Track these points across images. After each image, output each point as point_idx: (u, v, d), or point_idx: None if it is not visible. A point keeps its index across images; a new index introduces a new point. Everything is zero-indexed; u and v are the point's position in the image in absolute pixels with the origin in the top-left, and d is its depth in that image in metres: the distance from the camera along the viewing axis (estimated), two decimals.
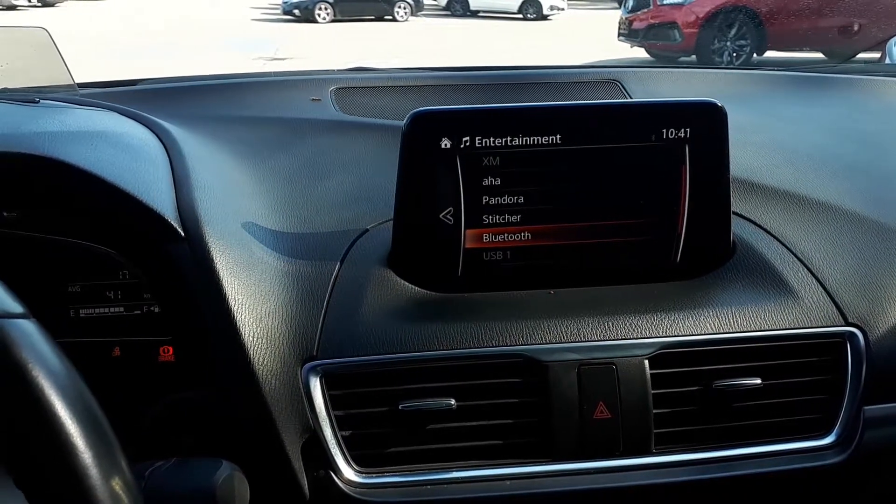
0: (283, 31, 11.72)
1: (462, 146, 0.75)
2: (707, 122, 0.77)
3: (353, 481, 0.71)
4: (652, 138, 0.77)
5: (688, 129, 0.77)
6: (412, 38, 11.26)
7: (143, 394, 0.74)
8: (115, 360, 0.76)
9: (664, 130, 0.76)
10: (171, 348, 0.76)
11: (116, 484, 0.43)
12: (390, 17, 14.01)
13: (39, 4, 14.24)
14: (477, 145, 0.75)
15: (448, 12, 15.62)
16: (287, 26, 12.77)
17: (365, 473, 0.71)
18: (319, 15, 13.42)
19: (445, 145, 0.75)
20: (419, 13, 14.77)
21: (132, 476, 0.46)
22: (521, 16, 14.83)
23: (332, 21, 13.38)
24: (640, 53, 7.91)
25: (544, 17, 14.75)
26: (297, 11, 13.70)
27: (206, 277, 0.71)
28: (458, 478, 0.72)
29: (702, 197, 0.79)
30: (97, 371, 0.75)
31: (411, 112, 0.74)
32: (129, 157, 0.80)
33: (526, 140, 0.76)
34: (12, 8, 13.09)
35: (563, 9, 14.97)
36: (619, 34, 8.08)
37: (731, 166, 0.79)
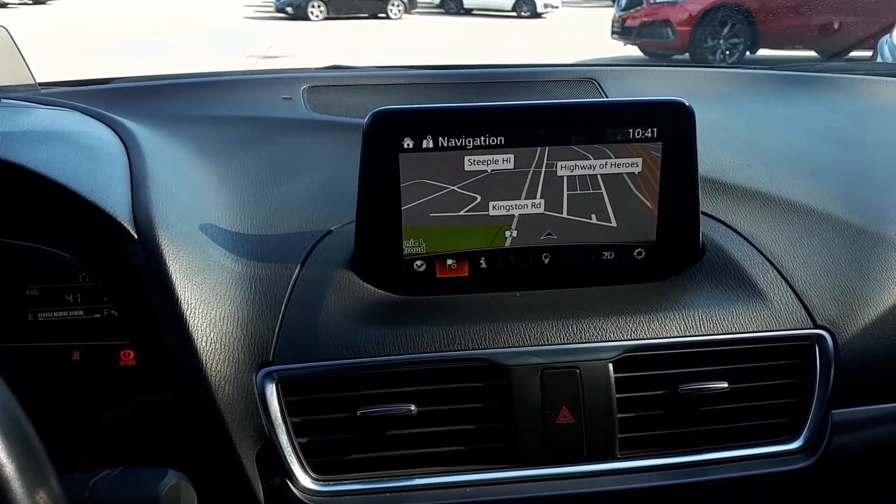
0: (275, 29, 11.68)
1: (425, 146, 0.73)
2: (675, 121, 0.76)
3: (309, 489, 0.69)
4: (618, 138, 0.75)
5: (655, 129, 0.75)
6: (406, 36, 11.23)
7: (103, 399, 0.73)
8: (74, 365, 0.75)
9: (631, 130, 0.75)
10: (131, 352, 0.75)
11: (41, 498, 0.42)
12: (384, 15, 13.97)
13: (30, 2, 14.15)
14: (440, 145, 0.74)
15: (442, 10, 15.59)
16: (280, 24, 12.72)
17: (322, 481, 0.70)
18: (312, 13, 13.36)
19: (408, 145, 0.73)
20: (413, 11, 14.73)
21: (62, 489, 0.44)
22: (514, 13, 14.80)
23: (326, 19, 13.34)
24: (634, 52, 7.90)
25: (538, 15, 14.72)
26: (289, 9, 13.64)
27: (158, 281, 0.69)
28: (418, 485, 0.71)
29: (670, 197, 0.77)
30: (56, 376, 0.74)
31: (372, 111, 0.73)
32: (85, 158, 0.78)
33: (492, 140, 0.74)
34: (3, 6, 13.00)
35: (557, 6, 14.94)
36: (613, 32, 8.06)
37: (702, 165, 0.78)
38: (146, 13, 12.52)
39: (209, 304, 0.70)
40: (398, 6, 13.94)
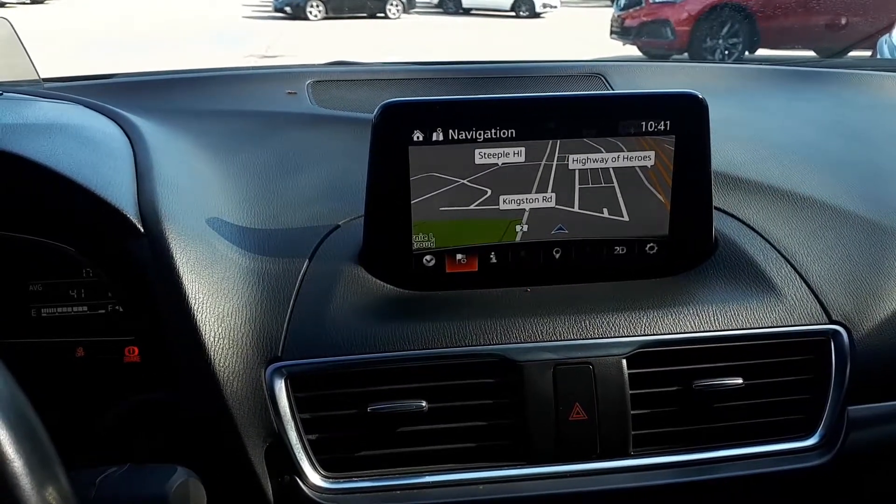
0: (274, 29, 11.67)
1: (435, 138, 0.72)
2: (688, 114, 0.75)
3: (319, 486, 0.68)
4: (631, 131, 0.74)
5: (668, 122, 0.74)
6: (404, 35, 11.23)
7: (108, 395, 0.72)
8: (78, 361, 0.74)
9: (643, 123, 0.74)
10: (136, 348, 0.74)
11: (50, 495, 0.41)
12: (382, 15, 13.97)
13: (29, 1, 14.12)
14: (451, 138, 0.73)
15: (441, 10, 15.59)
16: (278, 23, 12.71)
17: (332, 478, 0.69)
18: (311, 12, 13.36)
19: (418, 138, 0.72)
20: (411, 10, 14.74)
21: (70, 486, 0.43)
22: (513, 13, 14.81)
23: (324, 18, 13.34)
24: (633, 51, 7.90)
25: (537, 15, 14.73)
26: (288, 8, 13.64)
27: (165, 275, 0.68)
28: (429, 482, 0.70)
29: (683, 192, 0.76)
30: (60, 372, 0.72)
31: (382, 103, 0.72)
32: (90, 151, 0.77)
33: (503, 132, 0.73)
34: (1, 5, 12.98)
35: (555, 6, 14.95)
36: (612, 32, 8.06)
37: (714, 160, 0.77)
38: (144, 13, 12.51)
39: (217, 298, 0.69)
40: (397, 6, 13.95)
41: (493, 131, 0.73)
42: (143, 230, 0.70)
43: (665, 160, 0.75)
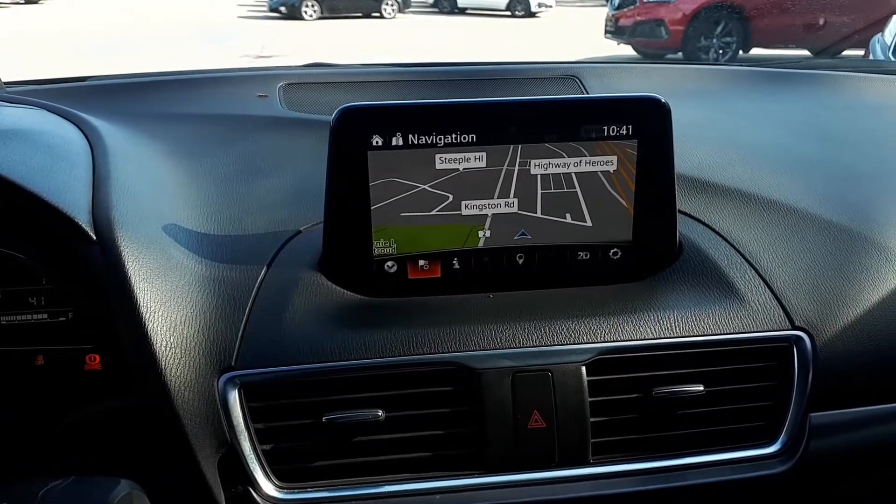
0: (270, 29, 11.66)
1: (394, 143, 0.72)
2: (651, 118, 0.74)
3: (273, 497, 0.68)
4: (593, 135, 0.74)
5: (630, 126, 0.74)
6: (400, 35, 11.21)
7: (68, 404, 0.71)
8: (38, 370, 0.73)
9: (605, 127, 0.74)
10: (97, 356, 0.73)
11: None
12: (378, 14, 13.96)
13: (23, 1, 14.08)
14: (410, 143, 0.72)
15: (436, 9, 15.59)
16: (273, 23, 12.69)
17: (286, 489, 0.68)
18: (306, 12, 13.35)
19: (377, 143, 0.72)
20: (407, 10, 14.73)
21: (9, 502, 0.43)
22: (509, 13, 14.80)
23: (319, 18, 13.32)
24: (629, 51, 7.90)
25: (532, 14, 14.72)
26: (283, 8, 13.63)
27: (117, 283, 0.67)
28: (385, 492, 0.69)
29: (646, 196, 0.76)
30: (19, 381, 0.71)
31: (339, 107, 0.71)
32: (46, 157, 0.76)
33: (463, 137, 0.72)
34: None
35: (550, 6, 14.94)
36: (606, 31, 8.07)
37: (682, 164, 0.76)
38: (140, 13, 12.48)
39: (169, 306, 0.68)
40: (392, 5, 13.94)
41: (453, 136, 0.72)
42: (94, 237, 0.69)
43: (628, 165, 0.75)
